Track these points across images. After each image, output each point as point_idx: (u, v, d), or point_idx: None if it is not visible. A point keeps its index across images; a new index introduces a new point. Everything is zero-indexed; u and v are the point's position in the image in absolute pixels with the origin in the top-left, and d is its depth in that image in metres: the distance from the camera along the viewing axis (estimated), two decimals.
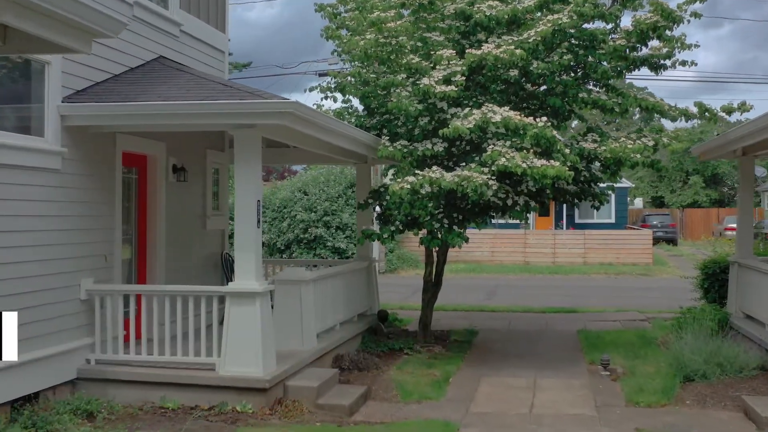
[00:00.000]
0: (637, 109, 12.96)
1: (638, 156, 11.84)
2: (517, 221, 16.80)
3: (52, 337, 9.14)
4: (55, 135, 9.21)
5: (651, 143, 12.02)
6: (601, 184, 14.24)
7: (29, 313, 8.74)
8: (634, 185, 58.09)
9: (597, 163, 13.23)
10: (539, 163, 10.74)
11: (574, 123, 18.93)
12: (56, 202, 9.22)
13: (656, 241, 40.02)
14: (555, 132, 11.15)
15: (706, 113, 12.74)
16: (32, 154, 8.80)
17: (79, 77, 9.72)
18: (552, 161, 10.87)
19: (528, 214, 13.18)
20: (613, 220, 44.36)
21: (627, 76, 13.47)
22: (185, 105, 9.11)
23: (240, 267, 9.37)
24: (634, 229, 41.62)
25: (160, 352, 9.68)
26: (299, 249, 29.59)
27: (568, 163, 11.24)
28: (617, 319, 17.60)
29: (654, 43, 12.93)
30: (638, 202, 61.91)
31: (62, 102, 9.31)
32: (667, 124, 28.49)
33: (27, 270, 8.74)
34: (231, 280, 9.83)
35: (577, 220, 44.59)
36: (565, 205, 42.06)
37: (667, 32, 12.40)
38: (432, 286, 14.20)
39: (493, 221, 13.46)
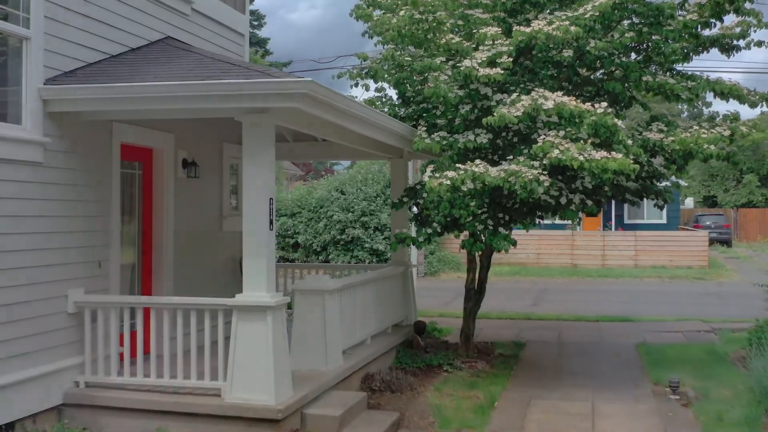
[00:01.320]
0: (710, 94, 11.37)
1: (712, 147, 10.31)
2: (564, 221, 15.39)
3: (33, 356, 7.86)
4: (35, 122, 7.91)
5: (727, 133, 10.46)
6: (664, 182, 12.72)
7: (4, 330, 7.49)
8: (686, 184, 55.92)
9: (659, 157, 11.71)
10: (599, 155, 9.28)
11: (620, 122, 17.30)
12: (37, 200, 7.92)
13: (710, 242, 38.05)
14: (616, 120, 9.67)
15: None
16: (6, 145, 7.50)
17: (68, 57, 8.42)
18: (613, 153, 9.41)
19: (582, 215, 11.69)
20: (664, 221, 42.36)
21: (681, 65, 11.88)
22: (181, 86, 7.70)
23: (249, 276, 8.01)
24: (687, 230, 39.66)
25: (159, 375, 8.35)
26: (336, 251, 28.46)
27: (631, 156, 9.78)
28: (679, 330, 16.01)
29: (727, 22, 11.41)
30: (689, 202, 59.69)
31: (44, 84, 8.02)
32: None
33: (1, 280, 7.47)
34: None
35: (627, 221, 42.68)
36: (614, 205, 40.73)
37: (747, 4, 10.83)
38: (474, 294, 12.81)
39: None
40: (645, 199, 12.40)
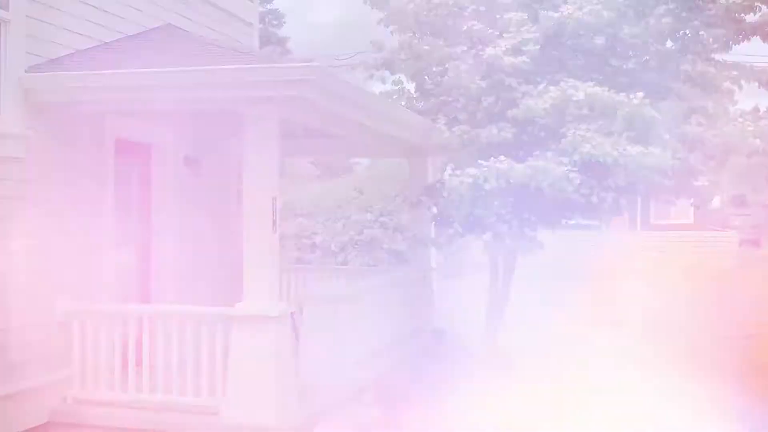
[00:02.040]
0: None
1: (758, 141, 9.55)
2: (589, 221, 14.65)
3: (16, 370, 7.19)
4: (15, 114, 7.22)
5: None
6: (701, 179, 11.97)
7: None
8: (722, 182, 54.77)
9: (697, 152, 10.94)
10: (634, 150, 8.54)
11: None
12: (19, 199, 7.25)
13: (739, 243, 37.10)
14: (653, 111, 8.92)
15: None
16: None
17: (55, 43, 7.73)
18: (650, 148, 8.67)
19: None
20: (691, 221, 41.35)
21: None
22: (175, 73, 7.02)
23: (250, 283, 7.32)
24: (716, 230, 38.67)
25: (152, 389, 7.64)
26: (354, 252, 27.79)
27: (669, 151, 9.03)
28: (712, 337, 15.13)
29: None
30: (715, 201, 58.56)
31: (27, 72, 7.33)
32: None
33: None
34: None
35: (653, 221, 41.70)
36: (639, 204, 39.75)
37: None
38: (498, 300, 12.06)
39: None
40: (681, 197, 11.62)
